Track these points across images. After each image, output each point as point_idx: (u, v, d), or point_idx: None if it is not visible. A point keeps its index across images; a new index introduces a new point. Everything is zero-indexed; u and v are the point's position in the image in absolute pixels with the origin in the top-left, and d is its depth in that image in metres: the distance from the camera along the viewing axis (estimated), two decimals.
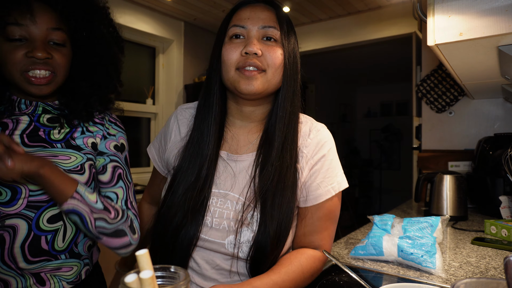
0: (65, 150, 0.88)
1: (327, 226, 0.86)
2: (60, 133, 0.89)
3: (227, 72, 0.81)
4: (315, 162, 0.84)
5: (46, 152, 0.86)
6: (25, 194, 0.84)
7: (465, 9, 0.83)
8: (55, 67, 0.85)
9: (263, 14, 0.81)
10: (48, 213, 0.86)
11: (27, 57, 0.81)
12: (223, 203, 0.82)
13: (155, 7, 3.17)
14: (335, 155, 0.87)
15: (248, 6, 0.83)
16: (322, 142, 0.86)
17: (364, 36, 3.37)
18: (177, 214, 0.80)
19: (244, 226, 0.78)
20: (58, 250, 0.88)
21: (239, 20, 0.81)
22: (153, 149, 0.99)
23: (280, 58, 0.80)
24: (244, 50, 0.78)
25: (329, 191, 0.84)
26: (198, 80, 3.51)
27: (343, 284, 0.90)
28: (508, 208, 1.52)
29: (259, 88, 0.79)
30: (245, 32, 0.80)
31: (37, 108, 0.90)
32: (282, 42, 0.81)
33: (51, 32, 0.84)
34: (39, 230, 0.85)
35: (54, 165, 0.79)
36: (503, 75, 1.29)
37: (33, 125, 0.88)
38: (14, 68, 0.81)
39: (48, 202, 0.86)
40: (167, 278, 0.47)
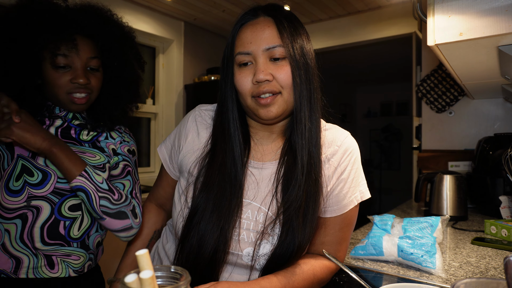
0: (91, 149, 1.02)
1: (346, 236, 0.87)
2: (88, 135, 1.05)
3: (244, 100, 0.80)
4: (342, 170, 0.83)
5: (76, 148, 0.99)
6: (53, 179, 0.95)
7: (465, 9, 0.83)
8: (91, 89, 1.01)
9: (264, 33, 0.78)
10: (70, 202, 0.97)
11: (71, 82, 0.96)
12: (244, 212, 0.80)
13: (155, 7, 3.17)
14: (360, 164, 0.87)
15: (249, 24, 0.80)
16: (349, 150, 0.85)
17: (364, 36, 3.37)
18: (208, 233, 0.76)
19: (264, 239, 0.77)
20: (73, 237, 0.97)
21: (242, 45, 0.79)
22: (165, 150, 0.96)
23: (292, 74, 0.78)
24: (254, 79, 0.76)
25: (352, 201, 0.84)
26: (198, 80, 3.50)
27: (343, 284, 0.90)
28: (508, 208, 1.52)
29: (278, 112, 0.78)
30: (252, 58, 0.78)
31: (68, 114, 1.04)
32: (291, 55, 0.77)
33: (90, 60, 0.99)
34: (60, 215, 0.95)
35: (66, 145, 0.92)
36: (503, 75, 1.29)
37: (66, 124, 1.03)
38: (61, 90, 0.96)
39: (72, 192, 0.97)
40: (167, 278, 0.47)
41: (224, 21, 3.49)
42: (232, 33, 0.83)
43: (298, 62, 0.77)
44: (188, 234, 0.78)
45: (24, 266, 0.92)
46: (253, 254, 0.77)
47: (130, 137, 1.15)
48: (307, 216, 0.77)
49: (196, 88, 3.48)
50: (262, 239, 0.77)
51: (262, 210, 0.79)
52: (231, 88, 0.82)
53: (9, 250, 0.92)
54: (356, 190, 0.85)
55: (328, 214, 0.83)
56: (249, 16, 0.81)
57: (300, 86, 0.78)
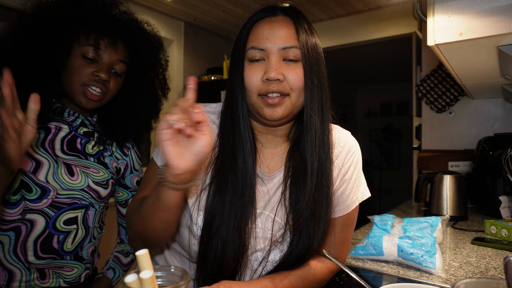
0: (96, 164, 1.01)
1: (348, 237, 0.87)
2: (93, 149, 1.03)
3: (249, 97, 0.77)
4: (346, 171, 0.83)
5: (80, 162, 0.98)
6: (52, 194, 0.93)
7: (465, 9, 0.83)
8: (108, 90, 0.99)
9: (282, 31, 0.75)
10: (67, 215, 0.95)
11: (92, 75, 0.95)
12: (254, 221, 0.78)
13: (155, 7, 3.17)
14: (361, 164, 0.87)
15: (266, 20, 0.77)
16: (352, 151, 0.85)
17: (364, 36, 3.37)
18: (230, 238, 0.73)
19: (274, 246, 0.77)
20: (66, 251, 0.95)
21: (257, 40, 0.75)
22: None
23: (303, 78, 0.75)
24: (265, 76, 0.73)
25: (354, 202, 0.84)
26: (198, 80, 3.50)
27: (343, 284, 0.90)
28: (508, 208, 1.52)
29: (284, 114, 0.75)
30: (265, 55, 0.75)
31: (77, 120, 1.02)
32: (306, 60, 0.75)
33: (117, 62, 0.99)
34: (54, 229, 0.93)
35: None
36: (503, 75, 1.29)
37: (72, 134, 1.00)
38: (78, 79, 0.94)
39: (70, 205, 0.95)
40: (167, 278, 0.47)
41: (224, 21, 3.49)
42: (245, 26, 0.79)
43: (312, 66, 0.75)
44: (210, 241, 0.73)
45: (16, 279, 0.90)
46: (261, 259, 0.77)
47: (139, 160, 1.14)
48: (319, 224, 0.76)
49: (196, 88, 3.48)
50: (272, 246, 0.77)
51: (270, 217, 0.78)
52: (240, 83, 0.78)
53: (3, 263, 0.90)
54: (358, 191, 0.85)
55: (331, 215, 0.83)
56: (266, 13, 0.78)
57: (311, 92, 0.75)
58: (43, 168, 0.93)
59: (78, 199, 0.96)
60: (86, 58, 0.95)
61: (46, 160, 0.93)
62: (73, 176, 0.96)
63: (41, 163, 0.93)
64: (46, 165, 0.93)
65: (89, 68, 0.95)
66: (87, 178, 0.98)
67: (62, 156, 0.96)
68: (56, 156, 0.95)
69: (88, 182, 0.98)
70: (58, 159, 0.95)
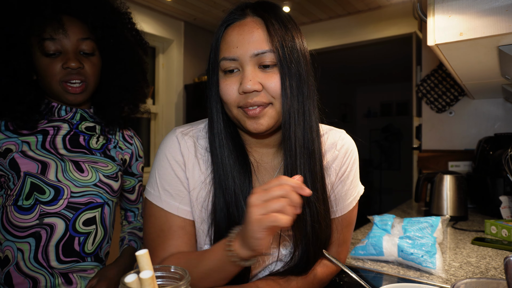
0: (103, 159, 0.98)
1: (347, 237, 0.86)
2: (97, 143, 0.99)
3: (229, 111, 0.72)
4: (343, 172, 0.82)
5: (87, 158, 0.95)
6: (67, 195, 0.90)
7: (465, 9, 0.83)
8: (87, 76, 0.92)
9: (252, 36, 0.68)
10: (85, 216, 0.93)
11: (63, 68, 0.88)
12: None
13: (155, 7, 3.17)
14: (358, 163, 0.86)
15: (236, 25, 0.70)
16: (349, 151, 0.83)
17: (364, 36, 3.37)
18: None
19: (277, 260, 0.77)
20: (87, 252, 0.94)
21: (227, 50, 0.69)
22: (175, 202, 0.75)
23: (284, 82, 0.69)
24: (241, 89, 0.67)
25: (351, 202, 0.84)
26: (198, 80, 3.50)
27: (343, 284, 0.89)
28: (509, 208, 1.52)
29: (269, 124, 0.70)
30: (238, 64, 0.69)
31: (76, 115, 0.98)
32: (282, 61, 0.68)
33: (81, 42, 0.90)
34: (74, 231, 0.91)
35: None
36: (503, 75, 1.28)
37: (73, 132, 0.97)
38: (54, 79, 0.89)
39: (86, 205, 0.93)
40: (167, 278, 0.47)
41: None
42: (216, 34, 0.74)
43: (289, 69, 0.68)
44: None
45: (41, 286, 0.88)
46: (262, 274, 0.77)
47: (142, 147, 1.13)
48: (320, 234, 0.74)
49: (196, 88, 3.48)
50: (275, 261, 0.76)
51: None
52: (216, 97, 0.73)
53: (24, 270, 0.87)
54: (355, 191, 0.85)
55: (332, 215, 0.83)
56: (236, 16, 0.72)
57: (290, 99, 0.69)
58: (51, 168, 0.89)
59: (93, 196, 0.94)
60: (48, 55, 0.88)
61: (51, 160, 0.90)
62: (83, 172, 0.93)
63: (47, 164, 0.90)
64: (53, 164, 0.90)
65: (57, 64, 0.88)
66: (97, 173, 0.95)
67: (66, 154, 0.93)
68: (61, 155, 0.93)
69: (100, 177, 0.95)
70: (64, 157, 0.93)
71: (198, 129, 0.79)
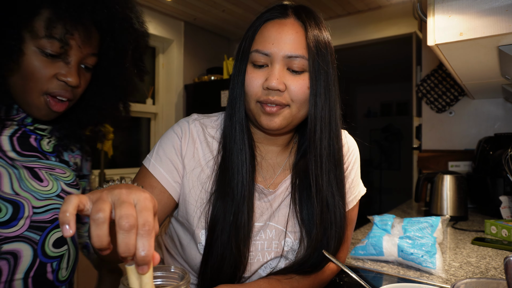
0: (59, 164, 0.80)
1: (348, 236, 0.86)
2: (49, 144, 0.80)
3: (248, 103, 0.73)
4: (345, 170, 0.82)
5: (43, 164, 0.76)
6: (28, 211, 0.70)
7: (465, 9, 0.83)
8: (75, 95, 0.75)
9: (290, 36, 0.69)
10: (54, 235, 0.75)
11: (57, 79, 0.70)
12: (257, 233, 0.77)
13: (155, 7, 3.17)
14: (359, 163, 0.86)
15: (276, 22, 0.71)
16: (351, 150, 0.84)
17: (364, 36, 3.36)
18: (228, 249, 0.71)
19: (282, 257, 0.77)
20: (61, 280, 0.78)
21: (262, 44, 0.70)
22: (166, 168, 0.76)
23: (307, 91, 0.71)
24: (265, 84, 0.69)
25: (352, 201, 0.84)
26: (198, 80, 3.50)
27: (343, 284, 0.89)
28: (509, 208, 1.52)
29: (282, 124, 0.71)
30: (269, 60, 0.70)
31: (27, 117, 0.77)
32: (313, 71, 0.70)
33: (89, 57, 0.74)
34: (45, 256, 0.73)
35: None
36: (503, 75, 1.28)
37: (22, 130, 0.76)
38: (38, 87, 0.69)
39: (53, 222, 0.75)
40: (167, 278, 0.47)
41: (224, 21, 3.49)
42: (253, 25, 0.74)
43: (319, 78, 0.70)
44: (210, 254, 0.72)
45: None
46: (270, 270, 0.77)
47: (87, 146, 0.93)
48: (331, 239, 0.74)
49: (196, 88, 3.48)
50: (277, 257, 0.76)
51: (275, 228, 0.77)
52: (241, 87, 0.74)
53: None
54: (356, 190, 0.85)
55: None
56: (277, 13, 0.72)
57: (315, 107, 0.71)
58: (3, 178, 0.68)
59: (58, 210, 0.75)
60: (45, 54, 0.67)
61: (1, 168, 0.70)
62: (42, 181, 0.74)
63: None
64: (5, 173, 0.69)
65: (50, 69, 0.69)
66: (58, 182, 0.77)
67: (18, 158, 0.73)
68: (11, 160, 0.72)
69: (61, 186, 0.77)
70: (15, 162, 0.72)
71: (210, 119, 0.82)
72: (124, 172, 3.25)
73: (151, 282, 0.41)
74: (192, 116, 0.81)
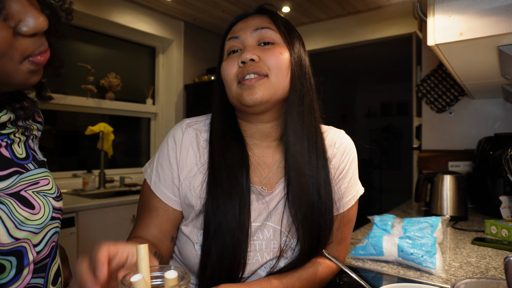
0: (39, 171, 0.64)
1: (346, 236, 0.86)
2: (20, 146, 0.62)
3: (229, 89, 0.75)
4: (341, 170, 0.83)
5: (26, 181, 0.60)
6: (32, 256, 0.57)
7: (465, 9, 0.83)
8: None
9: (254, 20, 0.77)
10: (53, 270, 0.64)
11: (21, 35, 0.48)
12: (254, 233, 0.77)
13: (155, 7, 3.17)
14: (356, 162, 0.87)
15: (242, 19, 0.80)
16: (348, 150, 0.84)
17: (364, 36, 3.37)
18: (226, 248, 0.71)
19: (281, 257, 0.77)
20: None
21: (232, 33, 0.78)
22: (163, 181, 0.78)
23: (283, 58, 0.73)
24: (240, 60, 0.73)
25: (350, 201, 0.84)
26: (198, 80, 3.50)
27: (343, 284, 0.90)
28: (509, 208, 1.52)
29: (264, 95, 0.71)
30: (240, 43, 0.76)
31: None
32: (284, 42, 0.75)
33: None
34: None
35: None
36: (503, 75, 1.28)
37: None
38: (15, 54, 0.49)
39: (50, 255, 0.63)
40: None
41: (224, 21, 3.49)
42: (225, 33, 0.82)
43: (292, 45, 0.76)
44: (208, 254, 0.72)
45: None
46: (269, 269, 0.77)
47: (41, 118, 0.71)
48: (321, 227, 0.75)
49: (196, 88, 3.48)
50: (280, 256, 0.76)
51: (273, 228, 0.78)
52: (219, 79, 0.79)
53: None
54: (354, 189, 0.85)
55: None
56: (243, 15, 0.81)
57: (297, 73, 0.75)
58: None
59: (54, 236, 0.64)
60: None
61: None
62: (34, 208, 0.58)
63: None
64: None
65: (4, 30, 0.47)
66: (47, 200, 0.62)
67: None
68: None
69: (52, 204, 0.63)
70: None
71: (203, 123, 0.83)
72: (124, 172, 3.25)
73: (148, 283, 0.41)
74: (185, 122, 0.82)
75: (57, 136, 2.94)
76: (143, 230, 0.77)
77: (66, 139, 3.04)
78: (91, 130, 2.84)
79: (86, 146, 3.10)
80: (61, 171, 2.88)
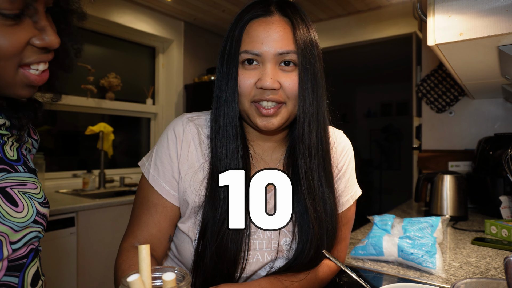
0: (29, 176, 0.64)
1: (345, 235, 0.86)
2: (12, 149, 0.64)
3: (241, 103, 0.72)
4: (340, 169, 0.83)
5: (13, 180, 0.61)
6: (6, 251, 0.57)
7: (465, 9, 0.83)
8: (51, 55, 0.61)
9: (278, 34, 0.69)
10: (31, 272, 0.62)
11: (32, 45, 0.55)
12: (254, 233, 0.76)
13: (155, 7, 3.17)
14: (354, 163, 0.86)
15: (261, 21, 0.70)
16: (345, 150, 0.84)
17: (364, 36, 3.37)
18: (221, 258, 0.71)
19: (279, 256, 0.77)
20: None
21: (251, 44, 0.69)
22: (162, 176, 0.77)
23: (301, 84, 0.71)
24: (259, 84, 0.68)
25: (348, 201, 0.84)
26: (198, 80, 3.50)
27: (343, 284, 0.90)
28: (509, 208, 1.52)
29: (280, 123, 0.71)
30: (260, 60, 0.70)
31: None
32: (301, 63, 0.70)
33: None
34: None
35: None
36: (503, 75, 1.28)
37: None
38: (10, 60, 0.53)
39: (28, 256, 0.62)
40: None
41: (224, 21, 3.49)
42: (238, 24, 0.72)
43: (307, 72, 0.70)
44: (203, 253, 0.71)
45: None
46: (268, 270, 0.77)
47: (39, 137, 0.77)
48: (325, 234, 0.75)
49: (196, 88, 3.48)
50: (278, 255, 0.76)
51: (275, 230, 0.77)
52: (233, 87, 0.72)
53: None
54: (352, 190, 0.85)
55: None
56: (260, 11, 0.71)
57: (306, 102, 0.71)
58: None
59: (34, 240, 0.63)
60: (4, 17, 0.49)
61: None
62: (17, 206, 0.59)
63: None
64: None
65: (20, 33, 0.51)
66: (32, 202, 0.62)
67: None
68: None
69: (36, 208, 0.62)
70: None
71: (204, 119, 0.81)
72: (124, 172, 3.25)
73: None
74: (185, 116, 0.80)
75: (57, 136, 2.94)
76: (142, 230, 0.75)
77: (66, 139, 3.04)
78: (91, 130, 2.84)
79: (86, 146, 3.10)
80: (61, 171, 2.88)
